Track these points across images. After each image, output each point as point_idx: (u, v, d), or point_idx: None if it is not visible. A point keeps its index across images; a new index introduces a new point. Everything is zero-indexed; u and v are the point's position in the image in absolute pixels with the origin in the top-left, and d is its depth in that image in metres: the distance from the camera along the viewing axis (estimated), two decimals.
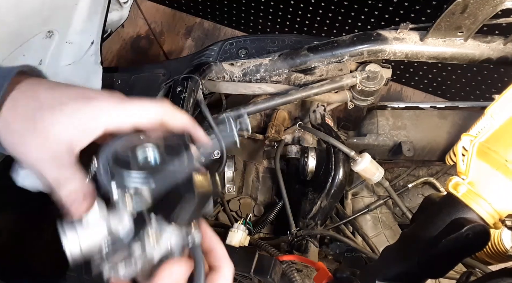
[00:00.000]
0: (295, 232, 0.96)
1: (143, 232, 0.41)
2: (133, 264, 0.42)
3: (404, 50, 0.91)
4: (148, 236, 0.41)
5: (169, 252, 0.43)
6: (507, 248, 0.81)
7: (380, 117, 1.07)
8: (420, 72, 1.77)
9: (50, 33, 0.93)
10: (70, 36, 0.99)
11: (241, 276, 0.83)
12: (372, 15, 1.57)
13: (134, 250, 0.42)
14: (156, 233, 0.41)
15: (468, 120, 1.03)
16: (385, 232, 1.09)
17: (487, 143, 0.54)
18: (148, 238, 0.41)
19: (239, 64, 0.98)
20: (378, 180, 0.96)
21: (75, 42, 1.01)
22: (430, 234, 0.54)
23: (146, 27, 2.11)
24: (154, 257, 0.42)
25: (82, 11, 0.95)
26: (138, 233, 0.41)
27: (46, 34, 0.92)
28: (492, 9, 0.80)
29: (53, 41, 0.95)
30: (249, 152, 1.17)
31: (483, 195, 0.52)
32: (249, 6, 1.84)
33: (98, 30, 1.05)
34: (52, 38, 0.95)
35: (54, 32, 0.94)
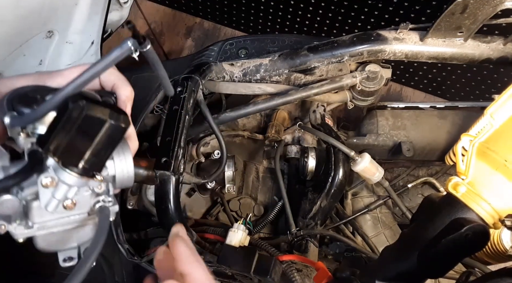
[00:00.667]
0: (295, 232, 0.96)
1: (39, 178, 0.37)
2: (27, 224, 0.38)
3: (404, 50, 0.91)
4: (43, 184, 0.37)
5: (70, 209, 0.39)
6: (507, 248, 0.81)
7: (380, 117, 1.07)
8: (420, 72, 1.77)
9: (50, 33, 0.93)
10: (70, 36, 0.99)
11: (241, 276, 0.83)
12: (372, 15, 1.57)
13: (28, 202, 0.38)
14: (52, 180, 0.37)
15: (467, 120, 1.03)
16: (385, 232, 1.09)
17: (487, 143, 0.55)
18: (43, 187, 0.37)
19: (239, 64, 0.98)
20: (378, 180, 0.96)
21: (75, 42, 1.02)
22: (430, 234, 0.54)
23: (146, 27, 2.11)
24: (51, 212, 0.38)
25: (82, 11, 0.95)
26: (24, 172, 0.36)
27: (46, 34, 0.92)
28: (492, 9, 0.80)
29: (53, 41, 0.95)
30: (249, 152, 1.17)
31: (482, 195, 0.52)
32: (249, 6, 1.84)
33: (98, 30, 1.05)
34: (52, 38, 0.95)
35: (54, 32, 0.94)
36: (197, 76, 0.94)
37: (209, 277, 0.46)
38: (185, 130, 0.86)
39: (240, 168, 1.14)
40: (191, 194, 1.09)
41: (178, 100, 0.90)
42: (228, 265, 0.81)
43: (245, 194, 1.12)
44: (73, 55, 1.04)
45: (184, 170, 0.86)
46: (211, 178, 0.95)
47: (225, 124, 1.15)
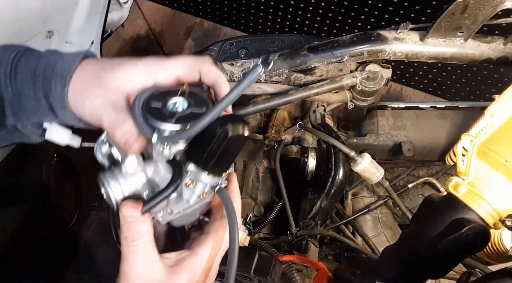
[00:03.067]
0: (295, 232, 0.96)
1: (181, 181, 0.45)
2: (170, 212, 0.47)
3: (404, 50, 0.91)
4: (186, 184, 0.46)
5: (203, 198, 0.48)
6: (507, 248, 0.81)
7: (380, 117, 1.07)
8: (420, 72, 1.77)
9: (50, 33, 0.93)
10: (70, 36, 0.99)
11: (241, 276, 0.83)
12: (372, 15, 1.57)
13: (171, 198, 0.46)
14: (192, 181, 0.46)
15: (468, 120, 1.03)
16: (385, 232, 1.09)
17: (487, 143, 0.55)
18: (185, 187, 0.46)
19: (239, 64, 0.98)
20: (378, 180, 0.96)
21: (75, 42, 1.02)
22: (430, 234, 0.54)
23: (146, 27, 2.11)
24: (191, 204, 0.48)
25: (82, 11, 0.95)
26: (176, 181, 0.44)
27: (46, 34, 0.92)
28: (492, 9, 0.80)
29: (53, 41, 0.95)
30: (249, 152, 1.17)
31: (483, 195, 0.52)
32: (249, 6, 1.84)
33: (98, 30, 1.05)
34: (52, 38, 0.95)
35: (54, 32, 0.94)
36: None
37: None
38: None
39: (240, 168, 1.14)
40: None
41: None
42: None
43: (245, 194, 1.12)
44: None
45: None
46: None
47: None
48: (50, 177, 1.12)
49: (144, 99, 0.45)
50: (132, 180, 0.45)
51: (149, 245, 0.46)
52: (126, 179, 0.45)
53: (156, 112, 0.43)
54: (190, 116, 0.44)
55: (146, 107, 0.44)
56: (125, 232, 0.45)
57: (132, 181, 0.45)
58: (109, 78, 0.47)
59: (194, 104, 0.45)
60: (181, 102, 0.45)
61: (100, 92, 0.47)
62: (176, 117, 0.43)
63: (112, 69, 0.47)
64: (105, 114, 0.46)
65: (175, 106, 0.44)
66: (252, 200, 1.11)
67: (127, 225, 0.45)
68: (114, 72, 0.47)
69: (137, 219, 0.45)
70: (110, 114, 0.46)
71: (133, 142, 0.45)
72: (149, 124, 0.43)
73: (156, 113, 0.43)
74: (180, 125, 0.42)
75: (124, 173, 0.45)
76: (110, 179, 0.45)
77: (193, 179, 0.46)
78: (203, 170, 0.46)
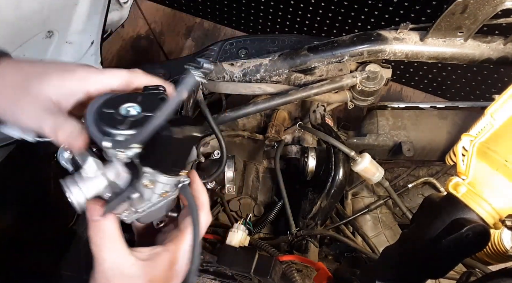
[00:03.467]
0: (295, 232, 0.96)
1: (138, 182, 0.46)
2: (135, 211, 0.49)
3: (404, 50, 0.91)
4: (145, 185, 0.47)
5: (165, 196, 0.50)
6: (507, 248, 0.81)
7: (380, 117, 1.07)
8: (420, 72, 1.77)
9: (50, 33, 0.93)
10: (70, 36, 0.99)
11: (241, 276, 0.83)
12: (372, 15, 1.57)
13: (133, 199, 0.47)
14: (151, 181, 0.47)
15: (468, 120, 1.03)
16: (385, 232, 1.08)
17: (487, 143, 0.55)
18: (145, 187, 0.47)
19: (239, 64, 0.98)
20: (378, 180, 0.96)
21: (75, 42, 1.01)
22: (430, 234, 0.54)
23: (146, 27, 2.11)
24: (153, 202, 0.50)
25: (82, 11, 0.95)
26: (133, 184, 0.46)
27: (46, 34, 0.92)
28: (492, 9, 0.80)
29: (53, 41, 0.95)
30: (249, 152, 1.17)
31: (483, 195, 0.52)
32: (249, 6, 1.84)
33: (98, 30, 1.05)
34: (52, 38, 0.95)
35: (54, 32, 0.94)
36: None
37: None
38: None
39: (240, 168, 1.14)
40: None
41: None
42: (228, 265, 0.81)
43: (245, 194, 1.12)
44: (73, 55, 1.04)
45: None
46: (211, 178, 0.95)
47: (225, 124, 1.15)
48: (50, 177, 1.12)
49: (98, 105, 0.45)
50: (92, 183, 0.47)
51: (117, 241, 0.47)
52: (86, 183, 0.47)
53: (109, 118, 0.44)
54: (143, 120, 0.44)
55: (99, 114, 0.45)
56: (91, 231, 0.47)
57: (93, 184, 0.47)
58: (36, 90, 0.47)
59: (147, 108, 0.46)
60: (133, 107, 0.46)
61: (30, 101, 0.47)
62: (129, 122, 0.44)
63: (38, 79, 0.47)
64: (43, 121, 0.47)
65: (128, 111, 0.45)
66: (252, 200, 1.11)
67: (93, 224, 0.47)
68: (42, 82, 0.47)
69: (102, 218, 0.47)
70: (48, 120, 0.46)
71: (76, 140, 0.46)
72: (101, 130, 0.44)
73: (109, 119, 0.44)
74: (133, 130, 0.43)
75: (84, 177, 0.47)
76: (70, 184, 0.47)
77: (151, 179, 0.47)
78: (159, 171, 0.47)
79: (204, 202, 0.54)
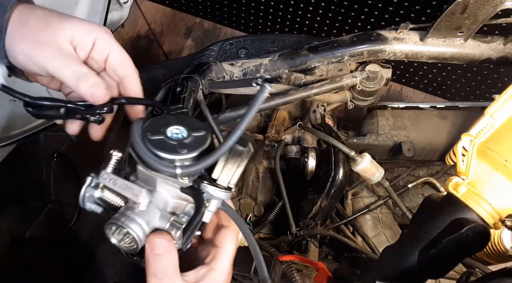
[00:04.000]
0: (295, 232, 0.96)
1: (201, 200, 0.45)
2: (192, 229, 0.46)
3: (404, 50, 0.91)
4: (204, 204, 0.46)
5: None
6: (507, 248, 0.81)
7: (380, 117, 1.07)
8: (420, 72, 1.77)
9: None
10: None
11: (241, 276, 0.83)
12: (372, 15, 1.57)
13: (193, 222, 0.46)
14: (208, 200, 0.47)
15: (468, 120, 1.03)
16: (385, 232, 1.09)
17: (487, 143, 0.55)
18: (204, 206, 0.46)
19: (239, 64, 0.98)
20: (378, 180, 0.96)
21: None
22: (430, 234, 0.54)
23: (146, 27, 2.11)
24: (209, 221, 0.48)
25: (82, 11, 0.95)
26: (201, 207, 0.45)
27: None
28: (492, 9, 0.80)
29: None
30: None
31: (483, 195, 0.52)
32: (249, 6, 1.84)
33: None
34: None
35: None
36: (197, 76, 0.94)
37: None
38: None
39: None
40: None
41: (178, 100, 0.90)
42: None
43: (245, 194, 1.12)
44: None
45: None
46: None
47: (225, 124, 1.15)
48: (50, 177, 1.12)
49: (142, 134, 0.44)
50: (147, 216, 0.45)
51: (177, 272, 0.46)
52: (142, 217, 0.44)
53: (164, 145, 0.43)
54: (196, 141, 0.44)
55: (149, 142, 0.43)
56: (154, 265, 0.44)
57: (148, 217, 0.45)
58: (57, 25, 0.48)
59: (192, 128, 0.46)
60: (180, 129, 0.45)
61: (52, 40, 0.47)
62: (186, 146, 0.43)
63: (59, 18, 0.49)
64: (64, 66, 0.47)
65: (176, 134, 0.45)
66: (252, 200, 1.11)
67: (156, 258, 0.44)
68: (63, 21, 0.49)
69: (166, 251, 0.44)
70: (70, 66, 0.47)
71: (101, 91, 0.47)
72: (164, 159, 0.42)
73: (165, 146, 0.43)
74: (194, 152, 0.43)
75: (137, 212, 0.44)
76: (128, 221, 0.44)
77: (209, 198, 0.46)
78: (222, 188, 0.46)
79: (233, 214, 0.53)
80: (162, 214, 0.46)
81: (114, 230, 0.44)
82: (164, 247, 0.44)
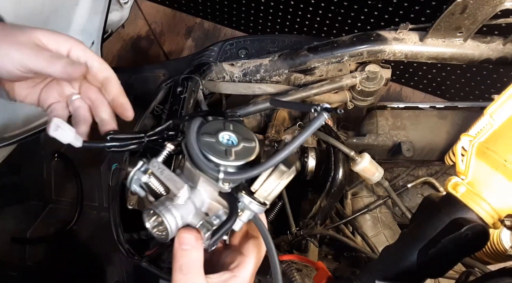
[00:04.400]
0: (295, 231, 0.96)
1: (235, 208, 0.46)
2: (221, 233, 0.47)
3: (403, 51, 0.91)
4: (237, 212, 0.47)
5: None
6: (506, 248, 0.81)
7: (380, 117, 1.07)
8: (419, 72, 1.77)
9: None
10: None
11: None
12: (372, 16, 1.57)
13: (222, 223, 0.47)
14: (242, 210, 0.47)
15: (467, 120, 1.03)
16: (385, 232, 1.09)
17: (486, 143, 0.55)
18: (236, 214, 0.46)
19: (239, 65, 0.98)
20: (378, 180, 0.96)
21: None
22: (430, 234, 0.54)
23: (147, 27, 2.11)
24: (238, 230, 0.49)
25: (83, 12, 0.96)
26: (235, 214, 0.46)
27: None
28: (491, 10, 0.80)
29: None
30: None
31: (482, 195, 0.52)
32: (249, 6, 1.84)
33: (99, 31, 1.05)
34: None
35: None
36: (197, 76, 0.94)
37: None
38: None
39: None
40: None
41: (178, 100, 0.90)
42: None
43: None
44: None
45: None
46: None
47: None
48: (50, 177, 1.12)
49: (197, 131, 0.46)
50: (183, 211, 0.46)
51: (201, 270, 0.47)
52: (179, 209, 0.46)
53: (213, 148, 0.45)
54: (245, 151, 0.46)
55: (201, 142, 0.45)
56: (180, 260, 0.46)
57: (184, 212, 0.46)
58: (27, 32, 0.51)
59: (243, 138, 0.48)
60: (231, 136, 0.47)
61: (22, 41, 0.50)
62: (234, 154, 0.45)
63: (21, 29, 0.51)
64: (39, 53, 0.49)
65: (227, 140, 0.47)
66: None
67: (183, 253, 0.46)
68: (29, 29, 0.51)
69: (193, 247, 0.46)
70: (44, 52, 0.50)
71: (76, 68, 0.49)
72: (210, 161, 0.44)
73: (214, 149, 0.45)
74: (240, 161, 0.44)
75: (175, 204, 0.46)
76: (164, 210, 0.45)
77: (243, 208, 0.47)
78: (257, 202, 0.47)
79: None
80: (196, 212, 0.47)
81: (151, 216, 0.46)
82: (192, 243, 0.46)
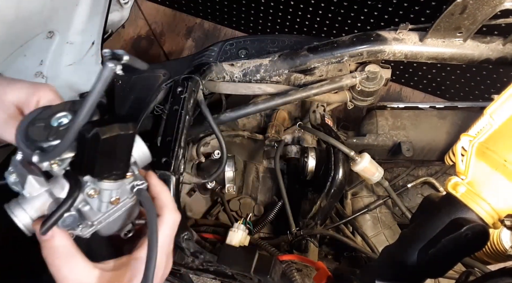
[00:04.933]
0: (295, 231, 0.96)
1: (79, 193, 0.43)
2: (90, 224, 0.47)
3: (403, 51, 0.91)
4: (89, 195, 0.44)
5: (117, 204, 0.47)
6: (506, 247, 0.81)
7: (380, 117, 1.08)
8: (419, 72, 1.77)
9: (51, 33, 0.93)
10: (71, 37, 0.99)
11: (241, 276, 0.83)
12: (372, 16, 1.57)
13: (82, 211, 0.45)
14: (95, 190, 0.44)
15: (467, 120, 1.03)
16: (385, 231, 1.09)
17: (486, 143, 0.55)
18: (90, 197, 0.45)
19: (239, 65, 0.98)
20: (378, 180, 0.97)
21: (76, 43, 1.02)
22: (430, 234, 0.54)
23: (147, 27, 2.11)
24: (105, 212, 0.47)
25: (83, 12, 0.95)
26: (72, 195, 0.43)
27: (46, 35, 0.92)
28: (491, 10, 0.80)
29: (54, 41, 0.95)
30: (249, 152, 1.17)
31: (482, 195, 0.52)
32: (249, 6, 1.84)
33: (99, 31, 1.05)
34: (53, 39, 0.95)
35: (55, 33, 0.94)
36: (198, 76, 0.94)
37: None
38: (185, 130, 0.87)
39: (240, 168, 1.14)
40: (192, 194, 1.09)
41: (178, 100, 0.90)
42: (228, 265, 0.81)
43: (245, 194, 1.12)
44: (74, 55, 1.04)
45: (184, 170, 0.86)
46: (211, 178, 0.95)
47: (225, 124, 1.15)
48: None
49: (29, 121, 0.44)
50: (36, 202, 0.44)
51: (75, 256, 0.45)
52: (29, 203, 0.44)
53: (39, 131, 0.43)
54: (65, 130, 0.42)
55: (29, 129, 0.43)
56: (44, 252, 0.45)
57: (36, 203, 0.44)
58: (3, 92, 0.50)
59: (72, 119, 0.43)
60: (65, 116, 0.44)
61: None
62: (59, 132, 0.42)
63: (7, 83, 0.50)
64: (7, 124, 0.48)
65: (60, 122, 0.44)
66: (252, 200, 1.11)
67: (45, 244, 0.45)
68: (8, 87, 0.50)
69: (52, 237, 0.45)
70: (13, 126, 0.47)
71: None
72: (31, 145, 0.42)
73: (39, 132, 0.43)
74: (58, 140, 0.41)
75: (27, 197, 0.44)
76: (13, 207, 0.44)
77: (94, 188, 0.44)
78: (97, 178, 0.44)
79: (166, 201, 0.51)
80: (56, 201, 0.45)
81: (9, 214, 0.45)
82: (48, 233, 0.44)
